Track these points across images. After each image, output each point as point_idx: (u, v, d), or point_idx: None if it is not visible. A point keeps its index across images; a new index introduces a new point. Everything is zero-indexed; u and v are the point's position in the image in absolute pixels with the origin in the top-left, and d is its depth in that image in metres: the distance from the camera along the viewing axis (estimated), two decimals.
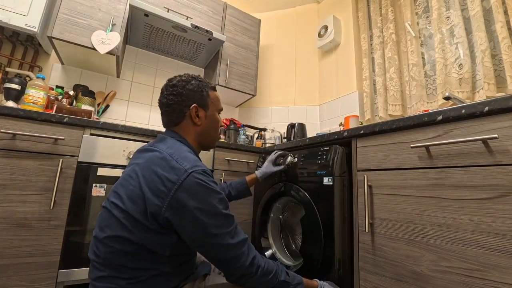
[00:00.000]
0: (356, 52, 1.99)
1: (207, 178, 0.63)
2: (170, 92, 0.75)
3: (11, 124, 0.99)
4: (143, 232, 0.59)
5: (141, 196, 0.60)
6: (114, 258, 0.60)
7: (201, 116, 0.77)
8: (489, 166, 0.59)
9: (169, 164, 0.62)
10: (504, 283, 0.54)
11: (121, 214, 0.60)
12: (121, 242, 0.59)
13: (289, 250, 1.27)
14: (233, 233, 0.63)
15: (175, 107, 0.75)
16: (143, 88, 1.96)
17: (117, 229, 0.60)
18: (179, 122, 0.76)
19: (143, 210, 0.59)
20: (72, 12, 1.42)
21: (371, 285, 0.81)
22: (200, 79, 0.80)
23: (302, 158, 1.14)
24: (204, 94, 0.78)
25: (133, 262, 0.60)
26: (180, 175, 0.60)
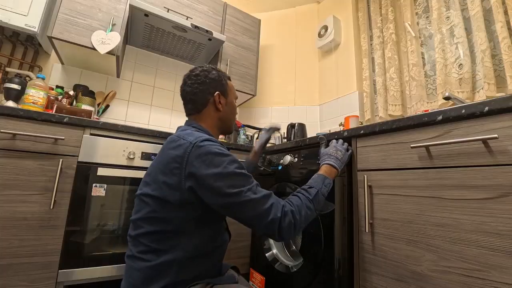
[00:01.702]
0: (356, 52, 1.99)
1: (211, 144, 0.67)
2: (194, 81, 0.82)
3: (11, 124, 0.99)
4: (169, 210, 0.66)
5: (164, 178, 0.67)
6: (141, 237, 0.67)
7: (222, 102, 0.85)
8: (489, 166, 0.59)
9: (177, 143, 0.69)
10: (504, 283, 0.54)
11: (151, 199, 0.68)
12: (149, 222, 0.66)
13: (289, 250, 1.27)
14: (254, 189, 0.65)
15: (200, 95, 0.82)
16: (143, 88, 1.96)
17: (147, 211, 0.67)
18: (202, 109, 0.83)
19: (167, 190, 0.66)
20: (72, 12, 1.42)
21: (371, 285, 0.81)
22: (218, 70, 0.87)
23: (302, 158, 1.14)
24: (224, 82, 0.86)
25: (155, 243, 0.65)
26: (186, 149, 0.66)
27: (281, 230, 0.64)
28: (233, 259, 1.38)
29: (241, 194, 0.63)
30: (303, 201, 0.72)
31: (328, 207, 0.95)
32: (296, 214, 0.67)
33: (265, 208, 0.63)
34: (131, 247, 0.68)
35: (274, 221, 0.63)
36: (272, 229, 0.63)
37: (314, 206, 0.73)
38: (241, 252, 1.42)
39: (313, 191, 0.75)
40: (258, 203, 0.64)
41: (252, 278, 1.33)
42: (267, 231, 0.64)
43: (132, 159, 1.19)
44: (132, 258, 0.67)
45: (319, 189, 0.77)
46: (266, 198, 0.65)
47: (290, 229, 0.65)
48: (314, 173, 0.87)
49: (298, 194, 0.75)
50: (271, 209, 0.64)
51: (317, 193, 0.75)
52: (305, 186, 0.79)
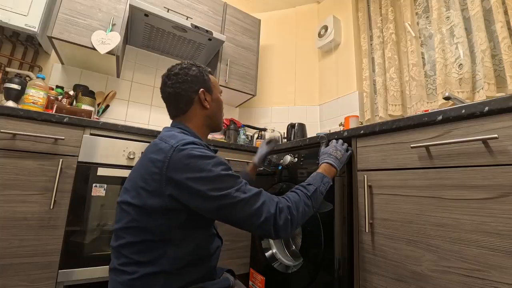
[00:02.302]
0: (356, 52, 1.99)
1: (194, 147, 0.63)
2: (175, 80, 0.76)
3: (11, 124, 0.99)
4: (150, 218, 0.61)
5: (142, 184, 0.62)
6: (123, 249, 0.62)
7: (208, 99, 0.79)
8: (489, 166, 0.59)
9: (158, 146, 0.64)
10: (504, 283, 0.54)
11: (129, 207, 0.63)
12: (130, 233, 0.61)
13: (289, 250, 1.27)
14: (243, 188, 0.62)
15: (183, 94, 0.76)
16: (143, 88, 1.96)
17: (127, 220, 0.62)
18: (187, 109, 0.77)
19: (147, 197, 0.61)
20: (72, 12, 1.42)
21: (371, 285, 0.81)
22: (198, 65, 0.82)
23: (302, 158, 1.14)
24: (206, 78, 0.81)
25: (138, 255, 0.60)
26: (167, 153, 0.61)
27: (276, 227, 0.61)
28: (233, 259, 1.38)
29: (229, 195, 0.59)
30: (301, 197, 0.70)
31: (326, 206, 0.95)
32: (293, 210, 0.65)
33: (256, 206, 0.61)
34: (113, 259, 0.64)
35: (268, 219, 0.60)
36: (267, 227, 0.61)
37: (312, 203, 0.72)
38: (241, 252, 1.42)
39: (311, 188, 0.75)
40: (249, 202, 0.60)
41: (252, 278, 1.33)
42: (262, 230, 0.61)
43: (132, 159, 1.19)
44: (115, 271, 0.62)
45: (317, 186, 0.76)
46: (257, 196, 0.62)
47: (286, 225, 0.62)
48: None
49: (296, 190, 0.74)
50: (263, 207, 0.61)
51: (316, 190, 0.75)
52: (303, 183, 0.78)
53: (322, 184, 0.78)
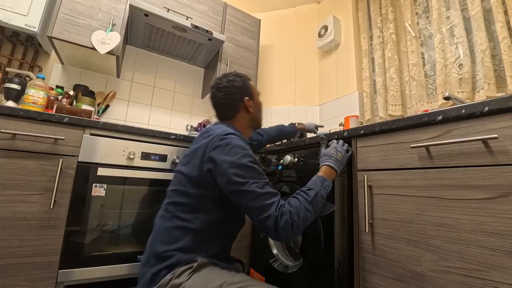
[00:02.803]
0: (356, 52, 1.99)
1: (233, 137, 0.78)
2: (224, 93, 0.92)
3: (11, 124, 0.99)
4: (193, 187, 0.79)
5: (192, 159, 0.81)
6: (169, 205, 0.80)
7: (251, 104, 0.96)
8: (489, 166, 0.59)
9: (208, 133, 0.83)
10: (504, 283, 0.54)
11: (182, 175, 0.82)
12: (177, 194, 0.81)
13: (289, 250, 1.27)
14: (261, 185, 0.72)
15: (232, 103, 0.93)
16: (143, 88, 1.96)
17: (178, 185, 0.82)
18: (234, 115, 0.94)
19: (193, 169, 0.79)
20: (72, 12, 1.42)
21: (371, 285, 0.81)
22: (240, 74, 0.97)
23: (302, 158, 1.14)
24: (248, 86, 0.96)
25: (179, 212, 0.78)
26: (212, 138, 0.79)
27: (277, 228, 0.68)
28: None
29: (246, 184, 0.70)
30: (301, 202, 0.74)
31: (328, 208, 0.95)
32: (294, 216, 0.70)
33: (265, 203, 0.69)
34: (162, 211, 0.83)
35: (270, 218, 0.68)
36: (268, 225, 0.68)
37: (313, 208, 0.76)
38: (241, 252, 1.42)
39: (312, 193, 0.78)
40: (260, 197, 0.70)
41: None
42: (263, 225, 0.69)
43: (132, 159, 1.19)
44: (162, 217, 0.80)
45: (318, 191, 0.78)
46: (270, 196, 0.71)
47: (286, 229, 0.68)
48: (314, 173, 0.87)
49: (297, 196, 0.77)
50: (270, 206, 0.69)
51: (316, 195, 0.77)
52: (304, 188, 0.80)
53: (323, 188, 0.80)
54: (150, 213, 1.20)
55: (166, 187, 0.87)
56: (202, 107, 2.18)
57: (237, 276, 0.71)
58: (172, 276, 0.69)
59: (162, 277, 0.70)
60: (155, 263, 0.73)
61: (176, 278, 0.69)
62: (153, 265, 0.74)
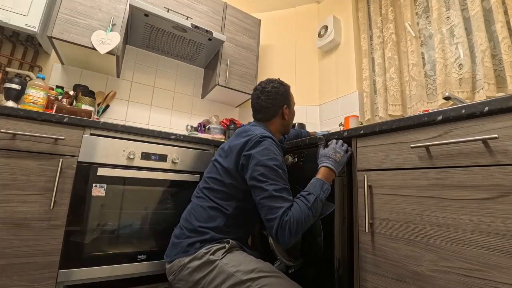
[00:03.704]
0: (356, 52, 1.99)
1: (270, 141, 0.88)
2: (267, 96, 1.02)
3: (11, 124, 0.99)
4: (227, 176, 0.90)
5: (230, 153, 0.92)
6: (205, 190, 0.93)
7: (288, 113, 1.06)
8: (489, 166, 0.59)
9: (247, 133, 0.93)
10: (504, 283, 0.54)
11: (219, 165, 0.94)
12: (212, 182, 0.93)
13: (289, 250, 1.27)
14: (278, 188, 0.79)
15: (272, 108, 1.03)
16: (143, 88, 1.96)
17: (214, 173, 0.94)
18: (271, 119, 1.04)
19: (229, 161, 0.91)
20: (72, 12, 1.42)
21: (371, 285, 0.81)
22: (283, 83, 1.08)
23: (302, 158, 1.14)
24: (288, 95, 1.07)
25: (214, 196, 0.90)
26: (251, 138, 0.89)
27: (277, 233, 0.74)
28: None
29: (264, 182, 0.78)
30: (302, 209, 0.77)
31: (328, 208, 0.95)
32: (293, 224, 0.74)
33: (274, 205, 0.75)
34: (199, 192, 0.96)
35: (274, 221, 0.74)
36: (270, 226, 0.75)
37: (313, 213, 0.78)
38: None
39: (311, 198, 0.79)
40: (271, 198, 0.76)
41: None
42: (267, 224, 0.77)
43: (132, 159, 1.19)
44: (199, 198, 0.93)
45: (317, 195, 0.80)
46: (281, 200, 0.76)
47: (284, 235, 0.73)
48: (314, 173, 0.87)
49: (297, 201, 0.79)
50: (278, 210, 0.74)
51: (316, 199, 0.79)
52: (303, 192, 0.82)
53: (322, 192, 0.82)
54: (150, 213, 1.20)
55: (166, 187, 0.89)
56: (202, 107, 2.18)
57: (265, 265, 0.79)
58: (207, 251, 0.80)
59: (196, 249, 0.81)
60: (190, 236, 0.85)
61: (211, 255, 0.79)
62: (188, 237, 0.85)
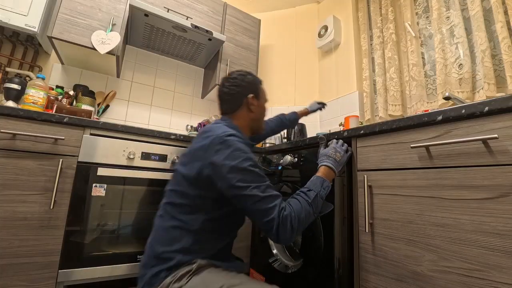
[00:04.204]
0: (356, 52, 1.99)
1: (234, 139, 0.75)
2: (231, 83, 0.91)
3: (11, 124, 0.99)
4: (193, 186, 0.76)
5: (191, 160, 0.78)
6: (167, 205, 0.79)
7: (255, 104, 0.93)
8: (489, 166, 0.59)
9: (207, 134, 0.79)
10: (504, 283, 0.54)
11: (181, 175, 0.79)
12: (175, 194, 0.78)
13: (289, 250, 1.27)
14: (262, 188, 0.71)
15: (236, 95, 0.90)
16: (143, 88, 1.96)
17: (176, 185, 0.79)
18: (236, 109, 0.91)
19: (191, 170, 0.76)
20: (72, 12, 1.42)
21: (371, 285, 0.81)
22: (253, 74, 0.97)
23: (302, 158, 1.14)
24: (257, 86, 0.95)
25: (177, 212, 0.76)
26: (212, 140, 0.75)
27: (279, 232, 0.68)
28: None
29: (248, 188, 0.69)
30: (302, 204, 0.74)
31: (327, 207, 0.95)
32: (294, 219, 0.70)
33: (267, 207, 0.69)
34: (160, 210, 0.81)
35: (272, 221, 0.68)
36: (270, 227, 0.68)
37: (313, 210, 0.76)
38: (241, 252, 1.42)
39: (312, 194, 0.77)
40: (262, 200, 0.69)
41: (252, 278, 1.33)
42: (265, 228, 0.70)
43: (132, 159, 1.19)
44: (161, 217, 0.79)
45: (318, 192, 0.78)
46: (271, 199, 0.70)
47: (287, 232, 0.69)
48: (314, 173, 0.87)
49: (297, 197, 0.77)
50: (273, 210, 0.69)
51: (316, 196, 0.77)
52: (304, 189, 0.80)
53: (322, 189, 0.80)
54: (150, 213, 1.20)
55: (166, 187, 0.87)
56: (202, 107, 2.18)
57: (236, 278, 0.70)
58: (172, 280, 0.68)
59: (162, 279, 0.70)
60: (155, 264, 0.72)
61: (176, 282, 0.68)
62: (152, 266, 0.73)
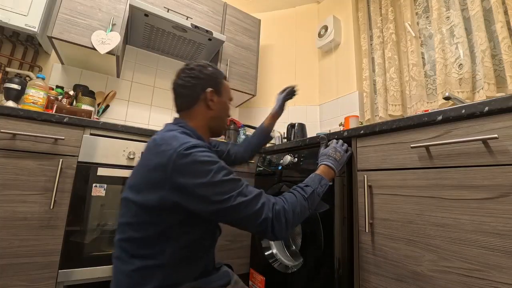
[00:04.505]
0: (356, 52, 1.99)
1: (197, 151, 0.63)
2: (188, 74, 0.77)
3: (11, 124, 0.99)
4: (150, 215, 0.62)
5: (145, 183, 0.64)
6: (124, 242, 0.64)
7: (215, 100, 0.78)
8: (489, 166, 0.59)
9: (161, 148, 0.63)
10: (504, 283, 0.54)
11: (133, 203, 0.64)
12: (131, 228, 0.64)
13: (289, 250, 1.27)
14: (244, 191, 0.64)
15: (192, 88, 0.76)
16: (143, 88, 1.96)
17: (130, 216, 0.64)
18: (192, 105, 0.77)
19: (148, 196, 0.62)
20: (72, 12, 1.42)
21: (371, 285, 0.81)
22: (215, 67, 0.82)
23: (302, 158, 1.14)
24: (219, 81, 0.81)
25: (138, 249, 0.63)
26: (170, 157, 0.61)
27: (273, 228, 0.63)
28: (233, 259, 1.38)
29: (231, 199, 0.61)
30: (298, 198, 0.71)
31: (322, 206, 0.95)
32: (289, 213, 0.66)
33: (256, 208, 0.62)
34: (116, 249, 0.66)
35: (266, 220, 0.62)
36: (265, 227, 0.63)
37: (309, 205, 0.72)
38: (241, 252, 1.42)
39: (308, 189, 0.74)
40: (249, 204, 0.62)
41: (252, 278, 1.33)
42: (260, 229, 0.63)
43: (132, 159, 1.19)
44: (118, 260, 0.64)
45: (315, 188, 0.75)
46: (257, 198, 0.64)
47: (281, 227, 0.64)
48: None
49: (293, 191, 0.74)
50: (263, 209, 0.63)
51: (313, 192, 0.74)
52: (301, 184, 0.77)
53: (320, 186, 0.77)
54: None
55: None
56: None
57: None
58: None
59: None
60: None
61: None
62: None
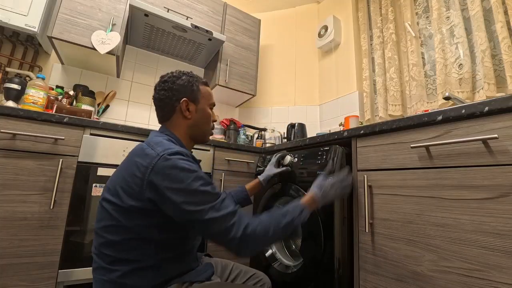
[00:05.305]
0: (356, 52, 1.99)
1: (179, 158, 0.64)
2: (162, 87, 0.79)
3: (11, 124, 0.99)
4: (129, 218, 0.63)
5: (124, 185, 0.65)
6: (105, 248, 0.63)
7: (191, 110, 0.79)
8: (489, 166, 0.59)
9: (145, 152, 0.66)
10: (504, 283, 0.54)
11: (110, 206, 0.65)
12: (110, 232, 0.64)
13: (289, 250, 1.27)
14: (217, 207, 0.63)
15: (167, 101, 0.78)
16: (143, 88, 1.96)
17: (107, 219, 0.64)
18: (170, 116, 0.79)
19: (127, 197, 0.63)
20: (72, 12, 1.42)
21: (371, 285, 0.81)
22: (191, 75, 0.82)
23: (302, 158, 1.14)
24: (194, 88, 0.81)
25: (120, 253, 0.63)
26: (152, 159, 0.63)
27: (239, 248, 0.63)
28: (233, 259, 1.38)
29: (202, 212, 0.61)
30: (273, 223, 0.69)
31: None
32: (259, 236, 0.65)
33: (226, 226, 0.62)
34: (96, 260, 0.65)
35: (233, 240, 0.61)
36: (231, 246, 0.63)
37: (282, 232, 0.70)
38: None
39: (288, 219, 0.71)
40: (220, 221, 0.62)
41: None
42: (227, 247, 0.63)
43: None
44: (101, 270, 0.63)
45: (294, 217, 0.72)
46: (230, 216, 0.63)
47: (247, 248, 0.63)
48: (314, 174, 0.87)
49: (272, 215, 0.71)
50: (232, 228, 0.62)
51: (291, 221, 0.71)
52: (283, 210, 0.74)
53: (299, 217, 0.74)
54: None
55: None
56: None
57: None
58: None
59: None
60: None
61: None
62: None
